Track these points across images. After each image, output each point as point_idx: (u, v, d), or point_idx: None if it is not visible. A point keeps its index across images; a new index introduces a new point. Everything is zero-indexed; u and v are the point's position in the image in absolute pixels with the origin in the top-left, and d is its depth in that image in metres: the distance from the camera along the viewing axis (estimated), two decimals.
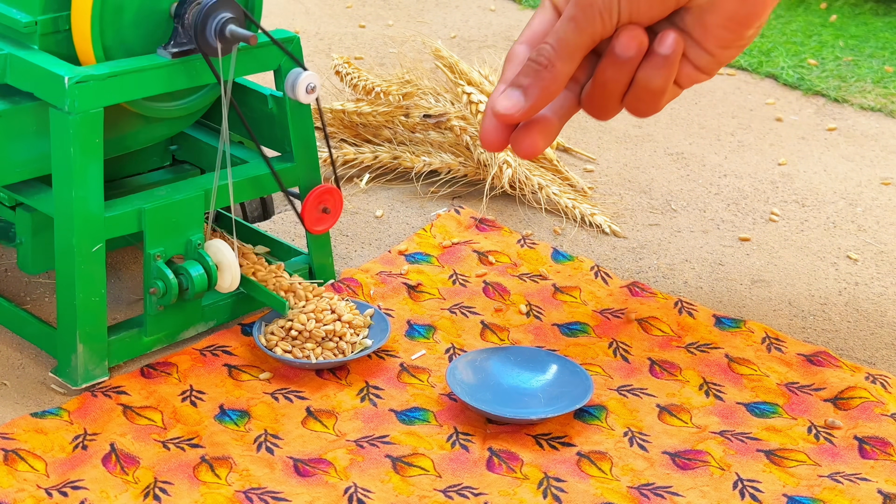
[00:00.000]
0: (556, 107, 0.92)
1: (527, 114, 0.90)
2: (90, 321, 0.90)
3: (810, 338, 1.00)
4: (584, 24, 0.89)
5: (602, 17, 0.89)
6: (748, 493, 0.83)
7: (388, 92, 1.23)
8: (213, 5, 0.88)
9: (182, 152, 1.04)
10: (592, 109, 0.92)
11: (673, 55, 0.89)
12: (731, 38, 0.89)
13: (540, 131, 0.91)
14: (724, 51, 0.90)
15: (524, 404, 0.89)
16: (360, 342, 0.94)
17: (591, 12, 0.89)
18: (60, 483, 0.81)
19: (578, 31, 0.89)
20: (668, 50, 0.89)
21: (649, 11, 0.89)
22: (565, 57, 0.89)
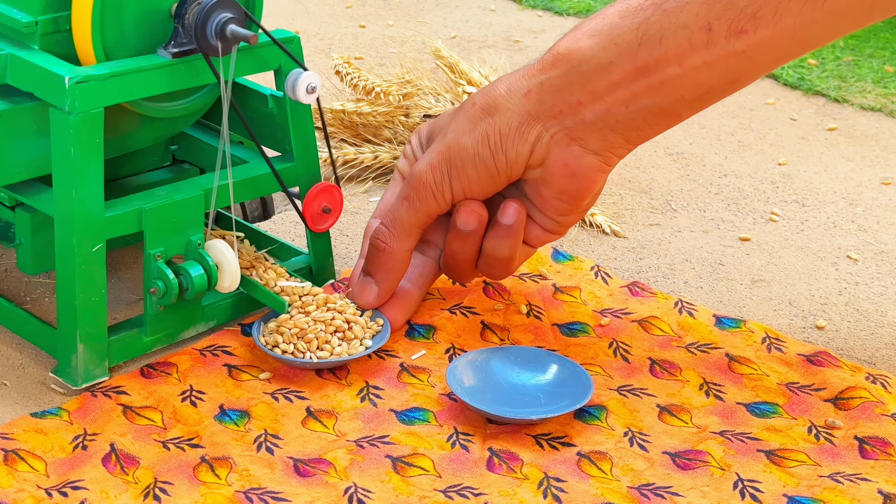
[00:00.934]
0: (414, 276, 0.98)
1: (382, 298, 0.95)
2: (90, 321, 0.90)
3: (810, 338, 1.00)
4: (419, 204, 0.93)
5: (435, 196, 0.93)
6: (748, 493, 0.83)
7: (388, 92, 1.23)
8: (213, 5, 0.88)
9: (182, 152, 1.04)
10: (450, 275, 0.97)
11: (516, 224, 0.93)
12: (567, 209, 0.93)
13: (398, 305, 0.96)
14: (565, 217, 0.94)
15: (524, 404, 0.89)
16: (361, 342, 0.94)
17: (424, 192, 0.93)
18: (60, 483, 0.81)
19: (413, 210, 0.94)
20: (511, 220, 0.93)
21: (482, 189, 0.93)
22: (402, 236, 0.94)
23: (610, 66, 0.88)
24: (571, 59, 0.89)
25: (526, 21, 1.67)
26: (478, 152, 0.91)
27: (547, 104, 0.90)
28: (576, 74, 0.89)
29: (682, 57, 0.86)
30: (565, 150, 0.90)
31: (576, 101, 0.89)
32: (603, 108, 0.89)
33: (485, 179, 0.92)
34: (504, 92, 0.91)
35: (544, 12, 1.71)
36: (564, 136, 0.90)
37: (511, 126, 0.90)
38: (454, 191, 0.93)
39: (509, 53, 1.54)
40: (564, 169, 0.91)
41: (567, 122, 0.90)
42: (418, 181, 0.93)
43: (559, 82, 0.89)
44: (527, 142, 0.90)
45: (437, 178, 0.92)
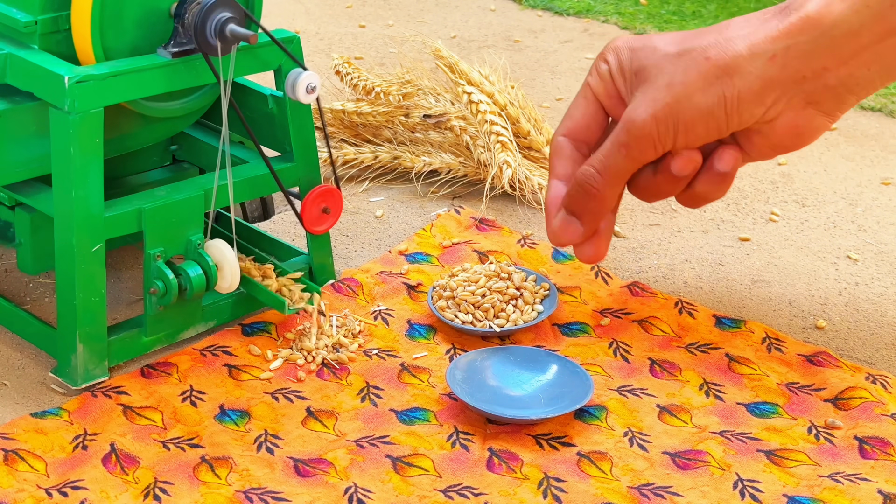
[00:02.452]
0: None
1: (587, 237, 0.94)
2: (90, 321, 0.89)
3: (810, 338, 1.00)
4: (637, 153, 0.90)
5: (656, 147, 0.90)
6: (748, 493, 0.83)
7: (388, 92, 1.22)
8: (212, 5, 0.88)
9: (182, 152, 1.04)
10: (641, 198, 0.95)
11: (732, 171, 0.91)
12: (773, 155, 0.92)
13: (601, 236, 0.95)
14: (764, 158, 0.93)
15: (524, 405, 0.89)
16: (532, 307, 0.98)
17: (645, 143, 0.90)
18: (60, 483, 0.81)
19: (629, 159, 0.91)
20: (728, 167, 0.91)
21: (706, 138, 0.90)
22: (614, 182, 0.91)
23: (860, 30, 0.85)
24: (822, 24, 0.86)
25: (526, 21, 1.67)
26: (711, 112, 0.88)
27: (791, 69, 0.87)
28: (826, 40, 0.86)
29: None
30: (799, 112, 0.89)
31: (821, 67, 0.87)
32: (846, 72, 0.87)
33: (711, 135, 0.90)
34: (745, 52, 0.87)
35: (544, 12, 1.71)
36: (801, 101, 0.88)
37: (752, 90, 0.88)
38: (677, 143, 0.90)
39: (509, 53, 1.54)
40: (793, 129, 0.89)
41: (808, 86, 0.88)
42: (641, 132, 0.89)
43: (807, 48, 0.86)
44: (763, 105, 0.88)
45: (661, 130, 0.89)
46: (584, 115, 0.94)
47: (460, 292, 0.98)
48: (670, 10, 1.71)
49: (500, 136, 1.18)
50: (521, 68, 1.50)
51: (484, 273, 0.99)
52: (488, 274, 0.99)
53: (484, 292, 0.98)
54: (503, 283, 0.98)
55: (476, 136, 1.19)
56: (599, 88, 0.94)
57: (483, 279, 0.99)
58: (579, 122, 0.95)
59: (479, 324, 0.96)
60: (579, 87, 0.97)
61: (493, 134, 1.18)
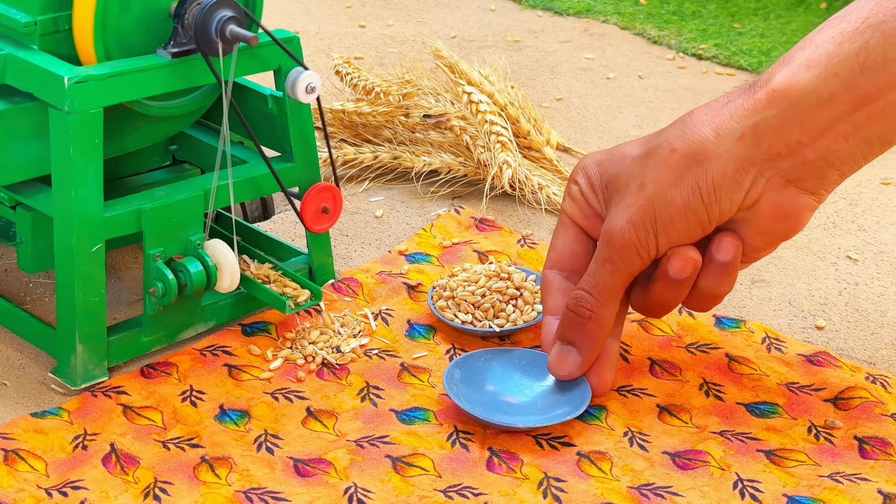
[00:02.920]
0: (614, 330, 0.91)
1: (586, 367, 0.89)
2: (90, 321, 0.90)
3: (810, 338, 1.00)
4: (622, 265, 0.87)
5: (640, 254, 0.87)
6: (748, 493, 0.83)
7: (388, 92, 1.23)
8: (213, 5, 0.88)
9: (182, 152, 1.04)
10: (647, 314, 0.91)
11: (734, 260, 0.87)
12: (766, 247, 0.88)
13: (607, 365, 0.90)
14: (759, 253, 0.88)
15: (521, 411, 0.88)
16: (532, 307, 0.98)
17: (628, 252, 0.86)
18: (60, 483, 0.81)
19: (616, 273, 0.87)
20: (728, 257, 0.87)
21: (689, 239, 0.87)
22: (607, 302, 0.88)
23: (830, 99, 0.82)
24: (790, 96, 0.82)
25: (526, 21, 1.67)
26: (688, 205, 0.85)
27: (763, 147, 0.83)
28: (795, 112, 0.82)
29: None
30: (780, 192, 0.84)
31: (795, 142, 0.83)
32: (823, 145, 0.83)
33: (694, 230, 0.86)
34: (712, 136, 0.84)
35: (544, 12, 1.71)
36: (780, 179, 0.84)
37: (725, 175, 0.84)
38: (660, 246, 0.86)
39: (509, 53, 1.54)
40: (777, 212, 0.85)
41: (784, 164, 0.84)
42: (620, 241, 0.86)
43: (777, 122, 0.83)
44: (742, 188, 0.84)
45: (641, 235, 0.86)
46: (566, 242, 0.92)
47: (460, 292, 0.98)
48: (670, 10, 1.71)
49: (500, 136, 1.18)
50: (521, 68, 1.50)
51: (484, 273, 0.99)
52: (488, 274, 0.99)
53: (484, 292, 0.98)
54: (503, 283, 0.98)
55: (476, 136, 1.19)
56: (575, 212, 0.91)
57: (483, 279, 0.99)
58: (562, 252, 0.92)
59: (479, 324, 0.96)
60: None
61: (493, 134, 1.18)
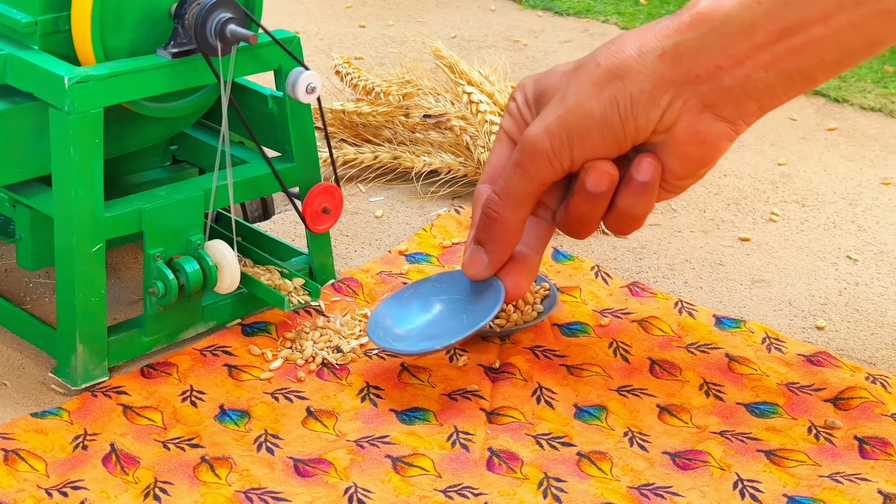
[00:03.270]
0: (531, 240, 0.92)
1: (493, 268, 0.91)
2: (90, 321, 0.90)
3: (810, 338, 1.00)
4: (533, 172, 0.87)
5: (552, 163, 0.87)
6: (748, 493, 0.83)
7: (388, 92, 1.23)
8: (213, 5, 0.88)
9: (182, 152, 1.04)
10: (569, 233, 0.91)
11: (652, 181, 0.87)
12: (686, 174, 0.88)
13: (521, 271, 0.91)
14: (682, 181, 0.89)
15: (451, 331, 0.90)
16: (532, 307, 0.98)
17: (540, 160, 0.87)
18: (60, 483, 0.81)
19: (527, 178, 0.87)
20: (647, 176, 0.87)
21: (605, 154, 0.87)
22: (515, 206, 0.88)
23: (753, 27, 0.82)
24: (712, 20, 0.83)
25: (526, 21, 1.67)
26: (605, 118, 0.85)
27: (683, 68, 0.84)
28: (716, 36, 0.83)
29: (828, 16, 0.81)
30: (696, 117, 0.85)
31: (714, 66, 0.84)
32: (742, 73, 0.84)
33: (610, 145, 0.86)
34: (635, 53, 0.85)
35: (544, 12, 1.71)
36: (698, 103, 0.85)
37: (643, 91, 0.85)
38: (574, 157, 0.87)
39: (509, 53, 1.54)
40: (693, 137, 0.86)
41: (703, 87, 0.85)
42: (533, 148, 0.86)
43: (698, 44, 0.84)
44: (658, 107, 0.85)
45: (555, 144, 0.86)
46: (500, 157, 0.92)
47: None
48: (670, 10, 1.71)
49: None
50: (521, 68, 1.50)
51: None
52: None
53: None
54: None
55: (476, 136, 1.19)
56: (511, 127, 0.92)
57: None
58: (496, 167, 0.92)
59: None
60: None
61: (493, 134, 1.18)
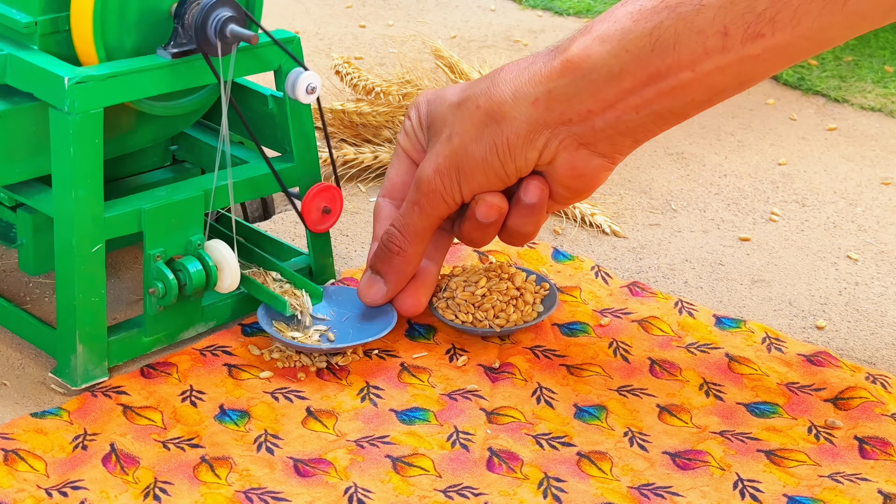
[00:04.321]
0: (430, 252, 0.97)
1: (391, 296, 0.96)
2: (90, 321, 0.89)
3: (810, 338, 1.00)
4: (429, 209, 0.93)
5: (445, 200, 0.92)
6: (748, 493, 0.83)
7: (388, 92, 1.23)
8: (213, 5, 0.88)
9: (182, 152, 1.04)
10: (468, 244, 0.96)
11: (540, 202, 0.92)
12: (571, 198, 0.93)
13: (420, 287, 0.96)
14: (569, 201, 0.94)
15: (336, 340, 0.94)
16: (532, 307, 0.98)
17: (434, 198, 0.92)
18: (60, 483, 0.81)
19: (424, 215, 0.93)
20: (535, 199, 0.92)
21: (489, 186, 0.92)
22: (415, 240, 0.94)
23: (621, 74, 0.86)
24: (582, 68, 0.87)
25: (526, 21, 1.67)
26: (486, 160, 0.90)
27: (555, 112, 0.88)
28: (586, 83, 0.87)
29: (695, 62, 0.84)
30: (573, 154, 0.89)
31: (585, 110, 0.88)
32: (613, 115, 0.87)
33: (494, 183, 0.91)
34: (510, 98, 0.89)
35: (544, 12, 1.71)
36: (573, 142, 0.89)
37: (519, 135, 0.89)
38: (464, 194, 0.92)
39: (509, 53, 1.54)
40: (572, 171, 0.90)
41: (576, 128, 0.88)
42: (427, 187, 0.92)
43: (568, 91, 0.88)
44: (535, 148, 0.89)
45: (446, 183, 0.91)
46: (398, 173, 0.97)
47: (460, 293, 0.98)
48: None
49: None
50: None
51: (484, 273, 0.99)
52: (488, 274, 0.99)
53: (484, 293, 0.98)
54: (504, 284, 0.98)
55: None
56: (407, 145, 0.96)
57: (483, 280, 0.99)
58: (395, 182, 0.97)
59: (480, 324, 0.96)
60: None
61: None
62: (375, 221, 0.97)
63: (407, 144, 0.96)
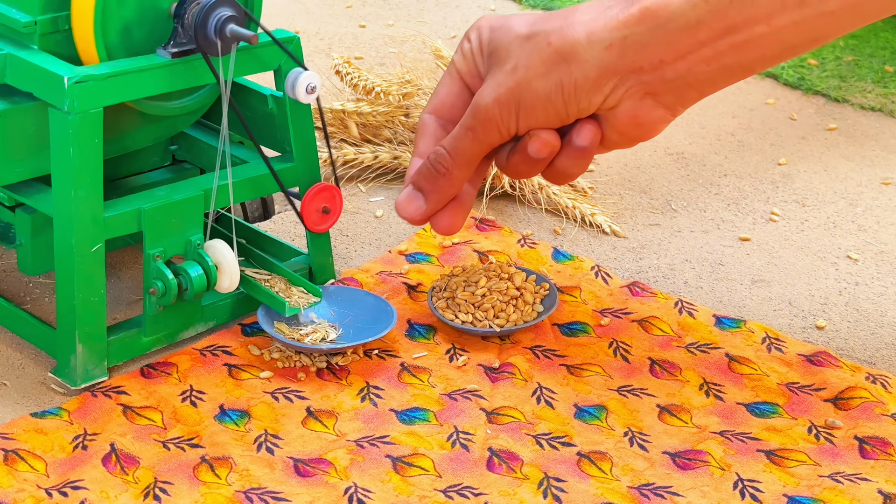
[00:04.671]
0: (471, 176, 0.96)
1: (429, 216, 0.94)
2: (90, 321, 0.89)
3: (810, 338, 1.00)
4: (482, 136, 0.92)
5: (500, 129, 0.91)
6: (748, 493, 0.83)
7: (388, 92, 1.22)
8: (212, 4, 0.88)
9: (182, 152, 1.04)
10: (508, 174, 0.95)
11: (590, 146, 0.91)
12: (622, 145, 0.93)
13: (457, 209, 0.95)
14: (616, 147, 0.93)
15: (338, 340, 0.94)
16: (532, 307, 0.98)
17: (489, 126, 0.91)
18: (60, 483, 0.81)
19: (476, 141, 0.92)
20: (586, 142, 0.91)
21: (547, 123, 0.91)
22: (462, 164, 0.93)
23: (698, 25, 0.85)
24: (659, 16, 0.86)
25: None
26: (549, 98, 0.89)
27: (628, 59, 0.88)
28: (662, 32, 0.86)
29: (771, 16, 0.84)
30: (637, 102, 0.89)
31: (658, 60, 0.87)
32: (684, 66, 0.87)
33: (552, 120, 0.91)
34: (584, 40, 0.88)
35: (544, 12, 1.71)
36: (639, 90, 0.89)
37: (588, 78, 0.88)
38: (520, 126, 0.91)
39: None
40: (632, 119, 0.90)
41: (645, 77, 0.88)
42: (484, 115, 0.91)
43: (644, 39, 0.87)
44: (601, 93, 0.89)
45: (503, 113, 0.90)
46: (449, 92, 0.96)
47: (460, 293, 0.98)
48: None
49: None
50: None
51: (484, 273, 0.99)
52: (488, 274, 0.99)
53: (484, 293, 0.98)
54: (504, 284, 0.98)
55: None
56: (462, 67, 0.95)
57: (483, 280, 0.99)
58: (444, 100, 0.96)
59: (480, 324, 0.96)
60: None
61: None
62: (419, 137, 0.96)
63: (462, 66, 0.95)
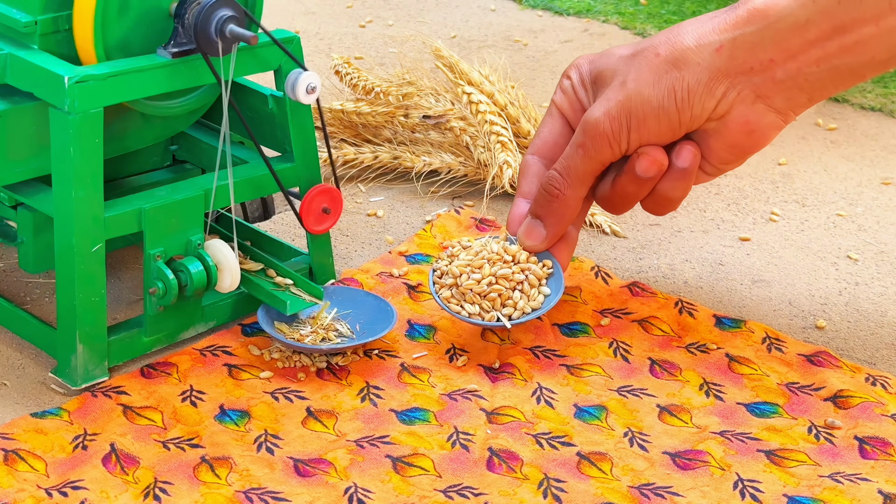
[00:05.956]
0: None
1: (550, 242, 0.95)
2: (90, 321, 0.89)
3: (810, 338, 1.00)
4: (594, 153, 0.92)
5: (611, 145, 0.92)
6: (748, 493, 0.83)
7: (387, 92, 1.22)
8: (213, 5, 0.88)
9: (182, 152, 1.04)
10: (608, 208, 0.96)
11: (691, 167, 0.92)
12: (733, 160, 0.93)
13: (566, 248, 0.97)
14: (726, 166, 0.94)
15: None
16: (539, 290, 0.96)
17: (601, 141, 0.91)
18: (60, 483, 0.81)
19: (587, 158, 0.92)
20: (687, 163, 0.92)
21: (659, 140, 0.92)
22: (575, 184, 0.93)
23: (806, 25, 0.86)
24: (768, 16, 0.87)
25: (526, 21, 1.67)
26: (662, 106, 0.90)
27: (738, 60, 0.88)
28: (771, 32, 0.87)
29: (880, 17, 0.85)
30: (749, 107, 0.90)
31: (768, 59, 0.88)
32: (794, 67, 0.88)
33: (665, 132, 0.91)
34: (693, 45, 0.89)
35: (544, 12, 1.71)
36: (751, 94, 0.89)
37: (700, 82, 0.89)
38: (631, 141, 0.92)
39: (509, 53, 1.54)
40: (744, 126, 0.90)
41: (756, 79, 0.89)
42: (595, 130, 0.91)
43: (753, 39, 0.88)
44: (714, 97, 0.89)
45: (615, 127, 0.91)
46: (551, 131, 0.97)
47: (464, 281, 0.96)
48: (670, 9, 1.71)
49: (500, 136, 1.18)
50: (521, 68, 1.50)
51: (487, 259, 0.97)
52: (492, 259, 0.97)
53: (490, 280, 0.97)
54: (508, 269, 0.97)
55: (476, 136, 1.19)
56: (564, 104, 0.96)
57: (487, 266, 0.97)
58: (546, 140, 0.97)
59: (487, 315, 0.95)
60: None
61: (493, 134, 1.18)
62: (521, 177, 0.97)
63: (564, 104, 0.96)
